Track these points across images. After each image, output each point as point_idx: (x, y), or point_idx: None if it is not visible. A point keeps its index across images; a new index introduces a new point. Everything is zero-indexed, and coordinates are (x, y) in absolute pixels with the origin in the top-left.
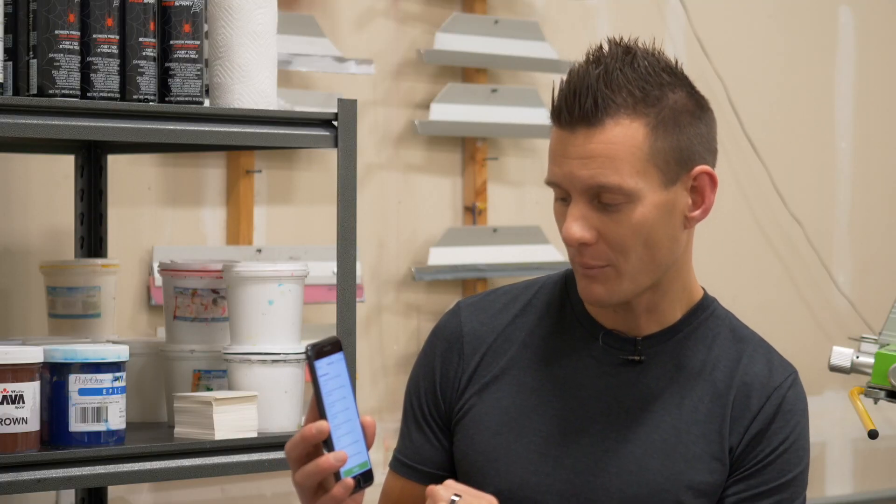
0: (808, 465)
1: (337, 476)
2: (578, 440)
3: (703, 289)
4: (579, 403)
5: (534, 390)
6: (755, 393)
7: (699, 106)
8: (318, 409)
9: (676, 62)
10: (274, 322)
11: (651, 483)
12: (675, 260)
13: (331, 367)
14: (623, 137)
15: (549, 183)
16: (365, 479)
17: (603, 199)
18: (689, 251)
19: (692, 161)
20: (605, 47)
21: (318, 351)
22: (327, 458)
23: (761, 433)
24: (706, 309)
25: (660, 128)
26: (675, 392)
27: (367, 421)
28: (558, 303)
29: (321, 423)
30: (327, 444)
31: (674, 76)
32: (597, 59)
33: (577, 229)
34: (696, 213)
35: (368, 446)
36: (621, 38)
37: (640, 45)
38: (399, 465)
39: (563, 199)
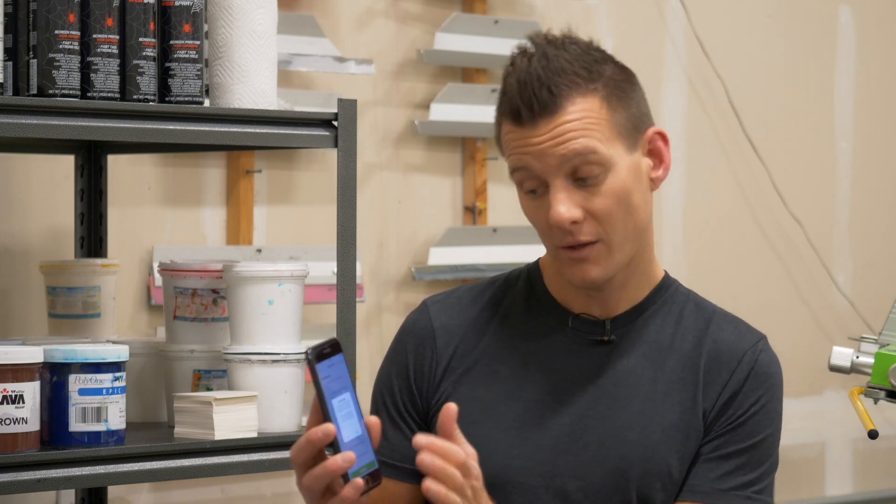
0: (779, 430)
1: (345, 478)
2: (555, 421)
3: (665, 270)
4: (553, 386)
5: (507, 378)
6: (725, 357)
7: (629, 73)
8: (321, 412)
9: (591, 39)
10: (274, 322)
11: (630, 455)
12: (649, 223)
13: (332, 370)
14: (583, 112)
15: (519, 171)
16: (373, 478)
17: (581, 174)
18: (652, 223)
19: (643, 124)
20: (529, 44)
21: (319, 354)
22: (335, 460)
23: (733, 396)
24: (669, 287)
25: (611, 99)
26: (646, 366)
27: (372, 421)
28: (524, 294)
29: (327, 426)
30: (333, 446)
31: (600, 52)
32: (530, 54)
33: (566, 210)
34: (659, 172)
35: (374, 446)
36: (537, 34)
37: (554, 34)
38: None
39: (533, 190)
